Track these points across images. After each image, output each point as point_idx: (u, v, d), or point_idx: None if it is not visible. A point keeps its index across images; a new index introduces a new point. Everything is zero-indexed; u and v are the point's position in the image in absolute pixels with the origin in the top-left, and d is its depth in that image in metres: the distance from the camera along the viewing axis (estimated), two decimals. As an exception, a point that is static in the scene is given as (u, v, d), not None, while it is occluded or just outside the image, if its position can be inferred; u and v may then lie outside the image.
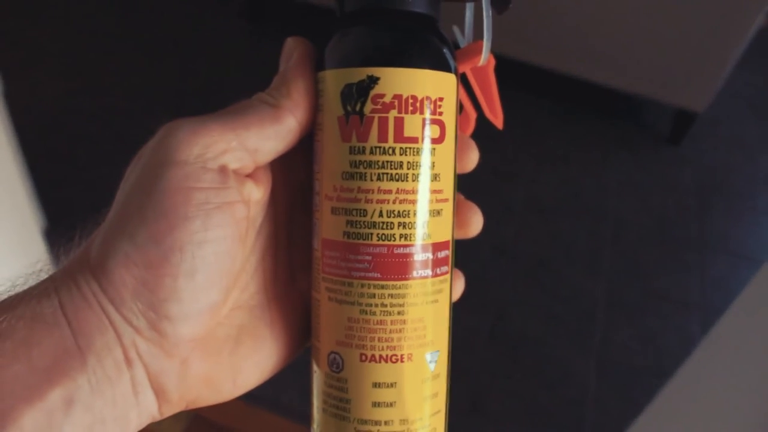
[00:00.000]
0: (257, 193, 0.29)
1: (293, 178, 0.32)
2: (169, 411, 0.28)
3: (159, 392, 0.27)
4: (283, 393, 1.08)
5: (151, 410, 0.27)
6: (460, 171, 0.31)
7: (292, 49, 0.30)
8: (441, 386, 0.30)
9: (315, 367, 0.31)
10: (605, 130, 1.78)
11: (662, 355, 1.30)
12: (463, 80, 0.32)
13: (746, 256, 1.53)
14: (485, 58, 0.31)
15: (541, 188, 1.62)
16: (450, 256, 0.30)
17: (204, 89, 1.74)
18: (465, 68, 0.32)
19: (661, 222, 1.59)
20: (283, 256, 0.32)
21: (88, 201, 1.40)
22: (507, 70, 0.31)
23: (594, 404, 1.22)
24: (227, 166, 0.27)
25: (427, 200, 0.28)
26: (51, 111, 1.65)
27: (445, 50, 0.29)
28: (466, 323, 1.29)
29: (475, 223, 0.32)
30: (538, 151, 1.71)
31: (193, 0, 2.00)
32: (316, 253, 0.30)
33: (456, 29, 0.33)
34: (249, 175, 0.28)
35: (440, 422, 0.30)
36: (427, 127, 0.28)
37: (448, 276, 0.30)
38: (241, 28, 1.93)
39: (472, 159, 0.32)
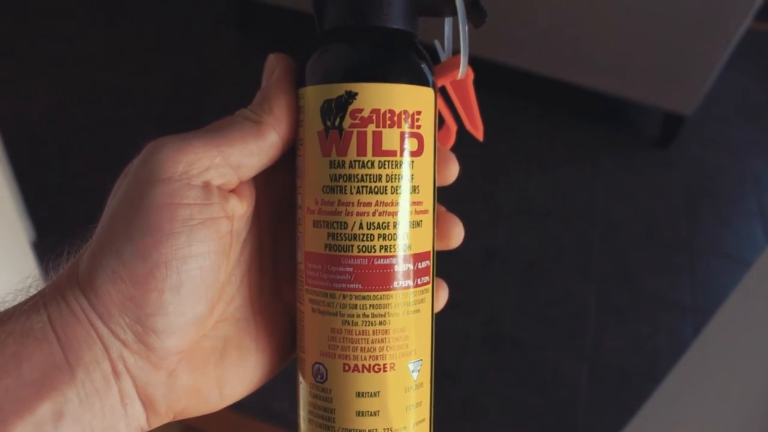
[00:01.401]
0: (241, 208, 0.29)
1: (277, 192, 0.33)
2: (157, 422, 0.29)
3: (147, 403, 0.28)
4: (274, 402, 1.08)
5: (139, 421, 0.28)
6: (440, 183, 0.32)
7: (274, 66, 0.30)
8: (425, 395, 0.31)
9: (300, 378, 0.31)
10: (594, 134, 1.79)
11: (653, 358, 1.31)
12: (443, 94, 0.33)
13: (736, 257, 1.53)
14: (463, 71, 0.32)
15: (531, 192, 1.62)
16: (431, 266, 0.31)
17: (194, 98, 1.74)
18: (444, 82, 0.32)
19: (650, 224, 1.60)
20: (268, 269, 0.33)
21: (77, 211, 1.40)
22: (495, 75, 0.31)
23: (586, 407, 1.22)
24: (211, 183, 0.27)
25: (406, 212, 0.29)
26: (40, 121, 1.65)
27: (422, 65, 0.30)
28: (458, 327, 1.29)
29: (457, 235, 0.33)
30: (528, 155, 1.71)
31: (183, 9, 2.00)
32: (299, 266, 0.31)
33: (437, 43, 0.34)
34: (233, 191, 0.29)
35: (424, 431, 0.31)
36: (406, 141, 0.29)
37: (429, 286, 0.31)
38: (230, 36, 1.93)
39: (453, 172, 0.33)
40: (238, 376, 0.31)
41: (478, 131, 0.35)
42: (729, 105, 1.91)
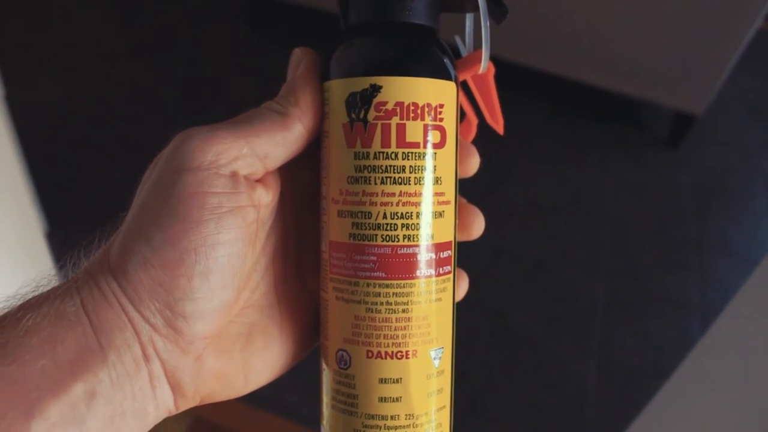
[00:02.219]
0: (267, 198, 0.30)
1: (302, 183, 0.33)
2: (185, 405, 0.30)
3: (175, 387, 0.29)
4: (284, 394, 1.08)
5: (167, 404, 0.29)
6: (461, 175, 0.33)
7: (299, 60, 0.31)
8: (446, 382, 0.31)
9: (324, 365, 0.32)
10: (604, 133, 1.79)
11: (661, 356, 1.31)
12: (464, 88, 0.34)
13: (745, 257, 1.53)
14: (485, 66, 0.33)
15: (540, 190, 1.63)
16: (453, 256, 0.31)
17: (205, 93, 1.75)
18: (466, 76, 0.33)
19: (659, 223, 1.60)
20: (293, 257, 0.34)
21: (89, 204, 1.41)
22: (506, 73, 0.32)
23: (593, 404, 1.23)
24: (238, 172, 0.28)
25: (429, 202, 0.30)
26: (53, 115, 1.66)
27: (444, 59, 0.30)
28: (466, 324, 1.29)
29: (477, 226, 0.34)
30: (537, 153, 1.72)
31: (195, 4, 2.01)
32: (323, 255, 0.31)
33: (458, 38, 0.35)
34: (259, 180, 0.30)
35: (445, 417, 0.32)
36: (429, 133, 0.29)
37: (451, 276, 0.31)
38: (242, 32, 1.94)
39: (473, 164, 0.34)
40: (263, 361, 0.32)
41: (498, 125, 0.35)
42: (739, 105, 1.91)
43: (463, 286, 0.34)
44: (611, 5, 1.53)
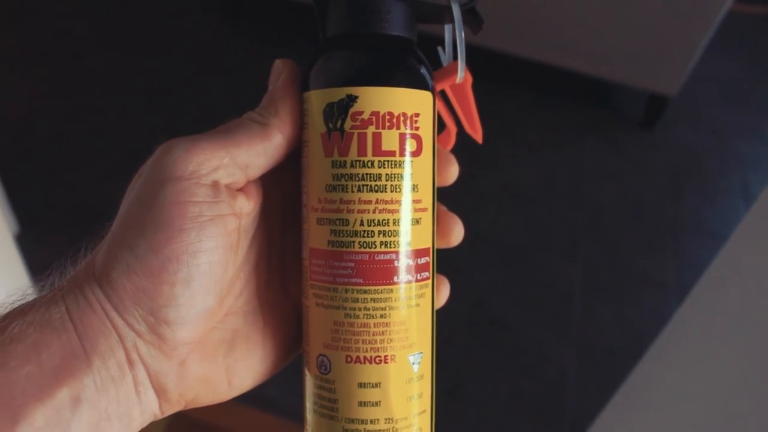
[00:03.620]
0: (248, 206, 0.31)
1: (284, 192, 0.34)
2: (170, 409, 0.31)
3: (160, 392, 0.29)
4: (264, 388, 1.08)
5: (152, 408, 0.30)
6: (440, 184, 0.33)
7: (280, 71, 0.32)
8: (425, 387, 0.32)
9: (306, 371, 0.32)
10: (579, 117, 1.79)
11: (640, 336, 1.32)
12: (443, 97, 0.35)
13: (720, 236, 1.55)
14: (461, 76, 0.33)
15: (517, 176, 1.63)
16: (431, 262, 0.32)
17: (178, 88, 1.73)
18: (443, 86, 0.34)
19: (636, 205, 1.61)
20: (276, 265, 0.34)
21: (61, 203, 1.39)
22: (481, 60, 0.32)
23: (574, 387, 1.24)
24: (219, 182, 0.29)
25: (406, 210, 0.30)
26: (23, 112, 1.64)
27: (420, 69, 0.31)
28: (446, 311, 1.29)
29: (456, 233, 0.34)
30: (514, 139, 1.72)
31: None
32: (304, 262, 0.32)
33: (440, 49, 0.35)
34: (240, 189, 0.31)
35: (426, 422, 0.32)
36: (405, 141, 0.30)
37: (429, 282, 0.32)
38: (215, 26, 1.92)
39: (452, 173, 0.34)
40: (246, 367, 0.33)
41: (477, 134, 0.36)
42: (712, 86, 1.92)
43: (444, 293, 0.35)
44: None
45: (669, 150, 1.75)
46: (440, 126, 0.34)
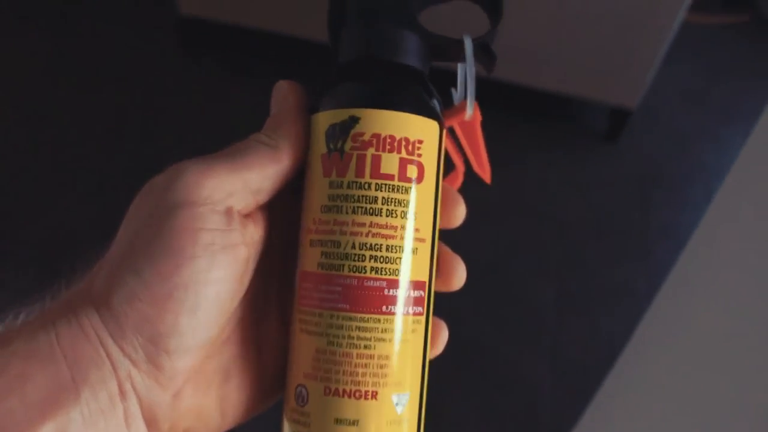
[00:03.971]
0: (257, 235, 0.30)
1: (287, 219, 0.33)
2: None
3: (151, 423, 0.28)
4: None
5: None
6: (445, 226, 0.32)
7: (286, 92, 0.31)
8: None
9: (285, 403, 0.31)
10: (544, 132, 1.81)
11: (613, 348, 1.32)
12: (452, 136, 0.34)
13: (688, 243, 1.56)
14: (470, 113, 0.33)
15: (484, 192, 1.63)
16: (425, 298, 0.30)
17: (141, 116, 1.72)
18: (452, 123, 0.33)
19: (603, 217, 1.62)
20: (275, 295, 0.33)
21: (25, 235, 1.37)
22: (445, 80, 0.32)
23: (549, 402, 1.24)
24: (233, 208, 0.28)
25: (401, 237, 0.29)
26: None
27: (426, 98, 0.30)
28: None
29: (459, 275, 0.33)
30: (481, 156, 1.72)
31: (128, 27, 1.98)
32: (295, 287, 0.31)
33: (453, 90, 0.35)
34: (249, 216, 0.30)
35: None
36: (405, 167, 0.29)
37: (422, 318, 0.30)
38: (175, 53, 1.92)
39: (459, 214, 0.33)
40: (240, 398, 0.32)
41: (485, 173, 0.36)
42: (673, 96, 1.95)
43: (442, 338, 0.33)
44: (538, 9, 1.56)
45: (633, 161, 1.77)
46: (449, 166, 0.34)
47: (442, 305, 0.32)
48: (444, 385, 1.23)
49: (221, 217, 0.28)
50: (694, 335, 0.68)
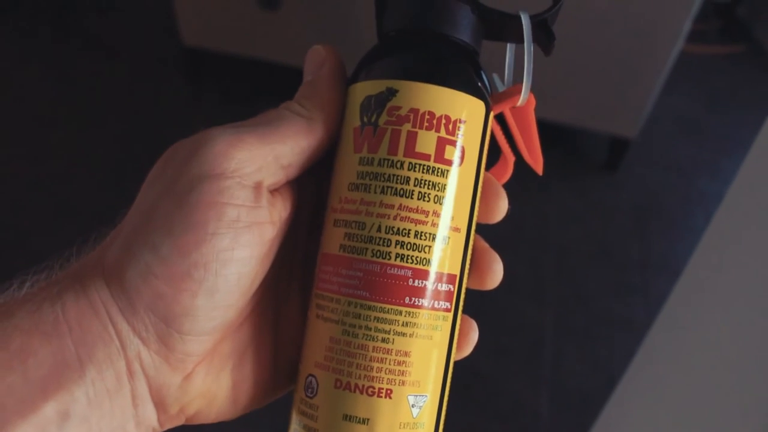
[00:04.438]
0: (285, 213, 0.27)
1: (315, 197, 0.30)
2: (169, 423, 0.27)
3: (159, 405, 0.26)
4: None
5: (150, 422, 0.26)
6: (484, 220, 0.30)
7: (323, 58, 0.28)
8: None
9: (295, 393, 0.29)
10: (543, 161, 1.82)
11: (612, 377, 1.31)
12: (502, 124, 0.31)
13: (688, 273, 1.56)
14: (525, 97, 0.30)
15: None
16: (455, 293, 0.28)
17: (145, 150, 1.74)
18: (503, 108, 0.30)
19: (602, 247, 1.62)
20: (297, 278, 0.31)
21: (30, 270, 1.37)
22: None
23: (548, 431, 1.22)
24: (262, 183, 0.26)
25: (432, 223, 0.26)
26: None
27: (473, 74, 0.28)
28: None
29: (495, 273, 0.30)
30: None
31: (131, 61, 2.01)
32: (316, 270, 0.28)
33: (496, 75, 0.32)
34: (277, 191, 0.27)
35: None
36: (443, 147, 0.27)
37: (449, 314, 0.27)
38: (179, 86, 1.94)
39: (501, 208, 0.30)
40: (253, 385, 0.29)
41: (537, 164, 0.33)
42: (671, 125, 1.96)
43: (472, 338, 0.30)
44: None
45: (632, 190, 1.77)
46: (496, 156, 0.31)
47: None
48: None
49: (249, 192, 0.25)
50: (690, 365, 0.68)
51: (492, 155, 0.30)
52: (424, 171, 0.26)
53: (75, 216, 1.50)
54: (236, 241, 0.25)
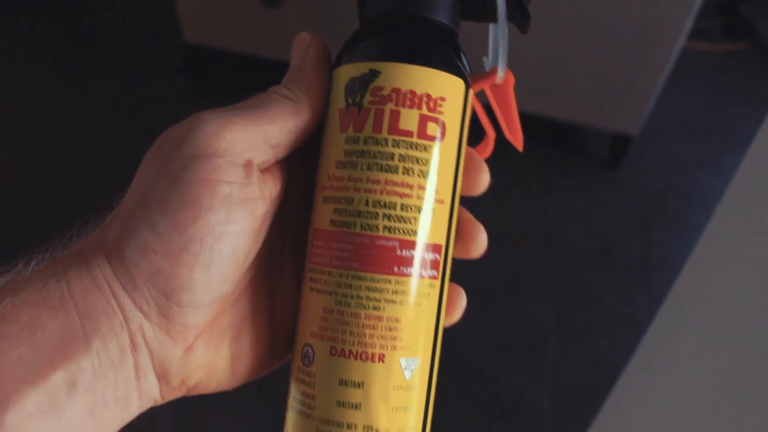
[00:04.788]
0: (275, 190, 0.29)
1: (305, 175, 0.32)
2: (171, 395, 0.29)
3: (161, 377, 0.28)
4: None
5: (152, 393, 0.28)
6: (467, 192, 0.31)
7: (308, 44, 0.30)
8: (417, 401, 0.29)
9: (292, 363, 0.30)
10: (544, 159, 1.81)
11: (614, 375, 1.31)
12: (483, 101, 0.33)
13: (690, 270, 1.55)
14: (501, 75, 0.31)
15: (484, 219, 1.63)
16: (441, 262, 0.29)
17: (147, 148, 1.74)
18: (483, 86, 0.32)
19: (604, 244, 1.62)
20: (290, 252, 0.32)
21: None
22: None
23: (549, 428, 1.23)
24: (253, 162, 0.27)
25: (417, 196, 0.28)
26: (-8, 178, 1.63)
27: (450, 54, 0.29)
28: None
29: (479, 242, 0.32)
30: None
31: (133, 59, 2.01)
32: (307, 245, 0.30)
33: (485, 59, 0.33)
34: (267, 170, 0.29)
35: None
36: (425, 123, 0.28)
37: (437, 282, 0.29)
38: (181, 84, 1.95)
39: (482, 180, 0.32)
40: (251, 356, 0.31)
41: (517, 140, 0.34)
42: (674, 122, 1.96)
43: (460, 304, 0.32)
44: (540, 35, 1.57)
45: (635, 188, 1.77)
46: (479, 134, 0.32)
47: (444, 330, 0.32)
48: (445, 412, 1.22)
49: (240, 169, 0.27)
50: (690, 360, 0.68)
51: (480, 133, 0.32)
52: (408, 147, 0.28)
53: (77, 214, 1.50)
54: (229, 216, 0.26)
